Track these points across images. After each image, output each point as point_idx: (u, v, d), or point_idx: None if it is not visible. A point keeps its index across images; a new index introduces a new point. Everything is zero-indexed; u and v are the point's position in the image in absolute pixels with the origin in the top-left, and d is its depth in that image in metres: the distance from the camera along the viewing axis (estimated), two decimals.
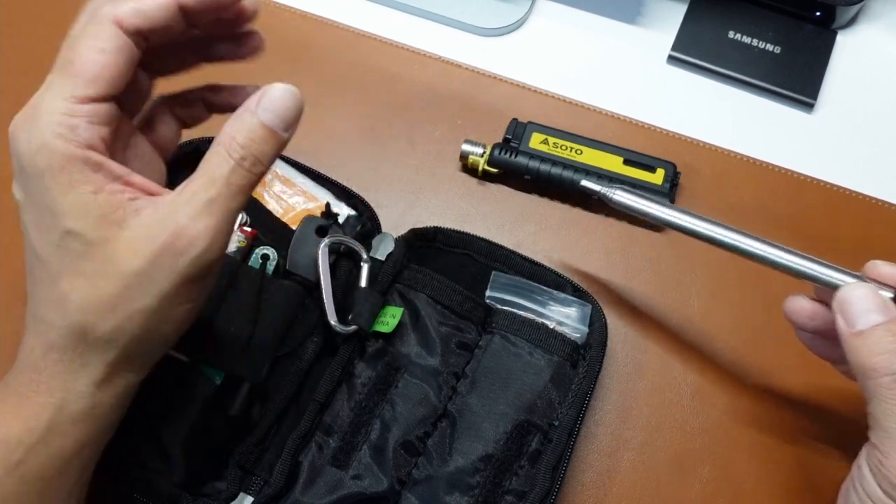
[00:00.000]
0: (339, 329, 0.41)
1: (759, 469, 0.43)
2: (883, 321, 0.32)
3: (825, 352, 0.39)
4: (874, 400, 0.32)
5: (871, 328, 0.32)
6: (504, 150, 0.50)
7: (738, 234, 0.38)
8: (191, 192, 0.30)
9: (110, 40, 0.30)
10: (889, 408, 0.31)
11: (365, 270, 0.43)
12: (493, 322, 0.43)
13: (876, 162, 0.53)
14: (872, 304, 0.33)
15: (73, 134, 0.29)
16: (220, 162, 0.30)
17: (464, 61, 0.56)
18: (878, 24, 0.58)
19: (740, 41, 0.56)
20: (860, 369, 0.32)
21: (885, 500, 0.31)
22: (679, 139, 0.53)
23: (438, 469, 0.39)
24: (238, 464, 0.39)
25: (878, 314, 0.33)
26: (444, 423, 0.40)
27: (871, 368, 0.32)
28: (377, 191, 0.51)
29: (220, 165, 0.30)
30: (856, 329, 0.33)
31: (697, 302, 0.48)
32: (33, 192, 0.30)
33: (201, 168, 0.30)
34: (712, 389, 0.45)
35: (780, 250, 0.37)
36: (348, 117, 0.54)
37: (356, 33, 0.58)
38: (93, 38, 0.30)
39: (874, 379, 0.32)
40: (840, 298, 0.34)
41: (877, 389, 0.32)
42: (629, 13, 0.59)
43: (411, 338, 0.42)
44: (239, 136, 0.30)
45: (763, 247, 0.37)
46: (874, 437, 0.32)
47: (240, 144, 0.30)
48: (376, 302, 0.42)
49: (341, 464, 0.39)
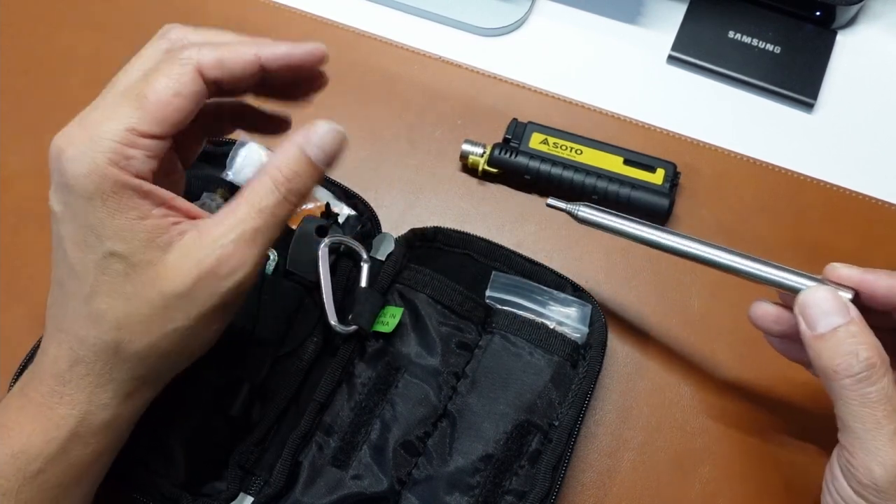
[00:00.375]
0: (339, 329, 0.41)
1: (759, 469, 0.43)
2: (843, 323, 0.33)
3: (795, 355, 0.39)
4: (839, 402, 0.32)
5: (831, 330, 0.33)
6: (504, 150, 0.50)
7: (700, 244, 0.38)
8: (237, 220, 0.31)
9: (188, 86, 0.31)
10: (853, 409, 0.32)
11: (365, 270, 0.43)
12: (494, 322, 0.43)
13: (876, 162, 0.53)
14: (832, 306, 0.33)
15: (128, 163, 0.30)
16: (267, 194, 0.31)
17: (464, 61, 0.56)
18: (878, 24, 0.58)
19: (740, 41, 0.56)
20: (823, 372, 0.33)
21: (856, 500, 0.32)
22: (679, 139, 0.53)
23: (438, 469, 0.39)
24: (238, 464, 0.39)
25: (838, 316, 0.33)
26: (445, 423, 0.40)
27: (833, 371, 0.32)
28: (377, 191, 0.51)
29: (267, 197, 0.31)
30: (817, 332, 0.33)
31: (697, 302, 0.48)
32: (77, 210, 0.30)
33: (247, 197, 0.31)
34: (712, 389, 0.45)
35: (743, 258, 0.37)
36: (348, 117, 0.54)
37: (356, 33, 0.58)
38: (171, 79, 0.30)
39: (837, 381, 0.32)
40: (801, 302, 0.34)
41: (840, 391, 0.32)
42: (629, 13, 0.59)
43: (411, 338, 0.42)
44: (286, 170, 0.31)
45: (725, 255, 0.38)
46: (842, 438, 0.33)
47: (286, 177, 0.31)
48: (376, 302, 0.42)
49: (341, 464, 0.39)
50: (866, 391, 0.31)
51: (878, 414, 0.31)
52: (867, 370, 0.31)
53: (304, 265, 0.42)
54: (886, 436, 0.31)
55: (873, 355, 0.32)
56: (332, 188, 0.47)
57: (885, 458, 0.31)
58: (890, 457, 0.31)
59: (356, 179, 0.50)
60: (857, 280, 0.35)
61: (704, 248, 0.38)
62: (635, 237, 0.40)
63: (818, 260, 0.49)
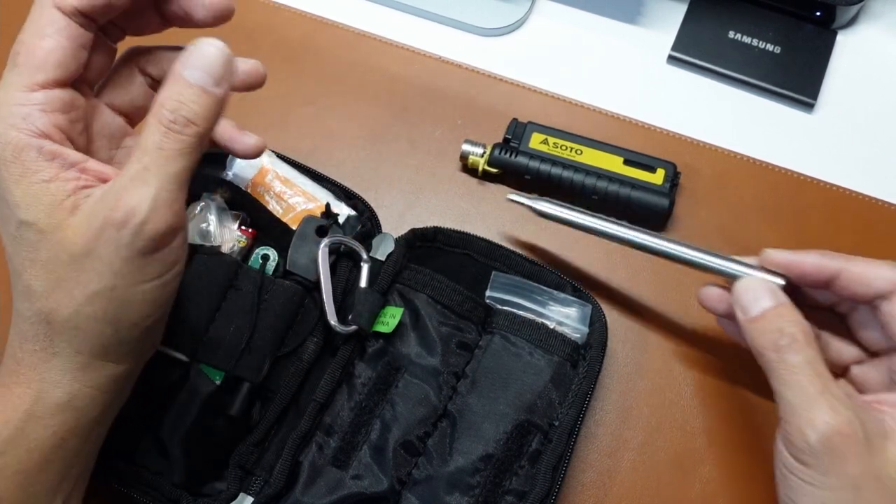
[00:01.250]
0: (339, 329, 0.41)
1: (758, 469, 0.43)
2: (772, 306, 0.36)
3: (739, 336, 0.40)
4: (771, 375, 0.34)
5: (761, 313, 0.36)
6: (504, 150, 0.50)
7: (653, 236, 0.41)
8: (129, 166, 0.29)
9: (51, 24, 0.30)
10: (783, 377, 0.34)
11: (365, 271, 0.43)
12: (494, 322, 0.43)
13: (876, 162, 0.53)
14: (763, 292, 0.36)
15: (26, 123, 0.29)
16: (151, 130, 0.29)
17: (464, 61, 0.56)
18: (878, 24, 0.58)
19: (740, 41, 0.56)
20: (755, 350, 0.35)
21: (796, 466, 0.33)
22: (679, 139, 0.53)
23: (439, 469, 0.39)
24: (238, 464, 0.39)
25: (768, 300, 0.36)
26: (445, 423, 0.40)
27: (762, 346, 0.35)
28: (377, 191, 0.51)
29: (151, 133, 0.29)
30: (749, 315, 0.36)
31: (697, 302, 0.48)
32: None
33: (137, 141, 0.30)
34: (712, 389, 0.45)
35: (690, 249, 0.40)
36: (348, 117, 0.54)
37: (356, 33, 0.58)
38: (34, 24, 0.30)
39: (766, 355, 0.35)
40: (736, 290, 0.37)
41: (769, 364, 0.34)
42: (629, 13, 0.59)
43: (411, 338, 0.42)
44: (167, 102, 0.29)
45: (673, 246, 0.41)
46: (779, 410, 0.34)
47: (168, 109, 0.29)
48: (376, 302, 0.42)
49: (341, 464, 0.39)
50: (792, 360, 0.34)
51: (804, 380, 0.33)
52: (791, 342, 0.34)
53: (304, 265, 0.42)
54: (813, 398, 0.32)
55: (797, 330, 0.34)
56: (332, 188, 0.47)
57: (815, 418, 0.32)
58: (819, 417, 0.32)
59: (356, 179, 0.50)
60: (786, 263, 0.37)
61: (655, 240, 0.41)
62: (592, 230, 0.43)
63: None
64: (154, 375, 0.37)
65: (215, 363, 0.39)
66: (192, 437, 0.38)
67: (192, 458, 0.39)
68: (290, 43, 0.57)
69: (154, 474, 0.39)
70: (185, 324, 0.39)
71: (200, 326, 0.39)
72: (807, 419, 0.32)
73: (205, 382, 0.39)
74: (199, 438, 0.39)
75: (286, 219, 0.45)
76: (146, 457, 0.39)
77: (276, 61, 0.56)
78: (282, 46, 0.56)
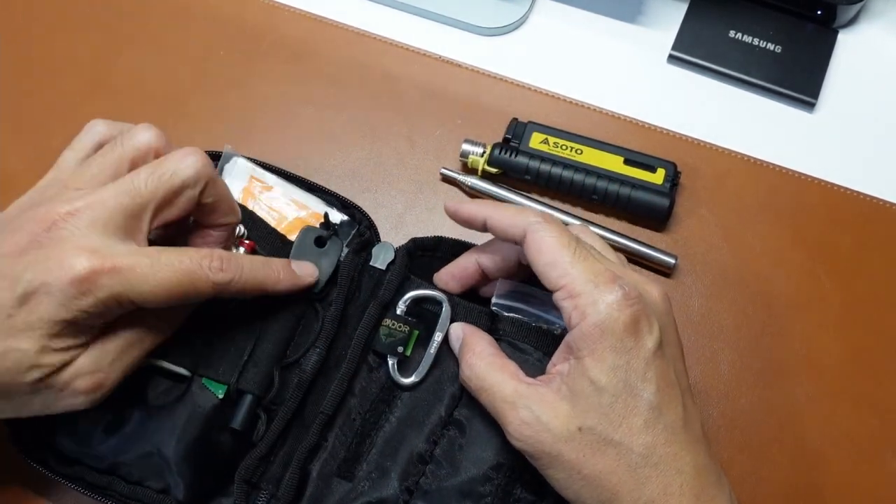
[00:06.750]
0: (403, 384, 0.41)
1: (758, 469, 0.43)
2: (458, 347, 0.40)
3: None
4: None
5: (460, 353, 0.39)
6: (504, 150, 0.50)
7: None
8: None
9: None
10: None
11: (438, 339, 0.42)
12: (500, 329, 0.42)
13: (877, 161, 0.53)
14: (453, 339, 0.41)
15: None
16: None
17: (464, 61, 0.56)
18: (879, 23, 0.58)
19: (741, 40, 0.56)
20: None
21: (596, 339, 0.34)
22: (679, 139, 0.53)
23: (447, 478, 0.38)
24: (244, 478, 0.38)
25: (456, 343, 0.40)
26: (453, 432, 0.40)
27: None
28: (377, 191, 0.51)
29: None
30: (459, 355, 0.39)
31: (697, 302, 0.48)
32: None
33: None
34: (712, 389, 0.45)
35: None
36: (348, 117, 0.54)
37: (356, 33, 0.57)
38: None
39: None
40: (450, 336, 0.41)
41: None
42: (629, 12, 0.58)
43: (417, 347, 0.42)
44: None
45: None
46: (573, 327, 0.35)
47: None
48: (403, 338, 0.41)
49: (348, 475, 0.39)
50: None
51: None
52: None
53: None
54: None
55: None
56: (328, 198, 0.45)
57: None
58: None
59: (355, 179, 0.50)
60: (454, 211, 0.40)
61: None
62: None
63: (818, 259, 0.49)
64: (155, 389, 0.37)
65: (217, 376, 0.39)
66: (196, 453, 0.38)
67: (196, 473, 0.38)
68: (290, 43, 0.57)
69: (158, 492, 0.38)
70: (186, 337, 0.38)
71: (202, 339, 0.39)
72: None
73: (206, 396, 0.38)
74: (202, 453, 0.38)
75: (280, 228, 0.43)
76: (149, 474, 0.38)
77: (276, 61, 0.56)
78: (282, 46, 0.56)
